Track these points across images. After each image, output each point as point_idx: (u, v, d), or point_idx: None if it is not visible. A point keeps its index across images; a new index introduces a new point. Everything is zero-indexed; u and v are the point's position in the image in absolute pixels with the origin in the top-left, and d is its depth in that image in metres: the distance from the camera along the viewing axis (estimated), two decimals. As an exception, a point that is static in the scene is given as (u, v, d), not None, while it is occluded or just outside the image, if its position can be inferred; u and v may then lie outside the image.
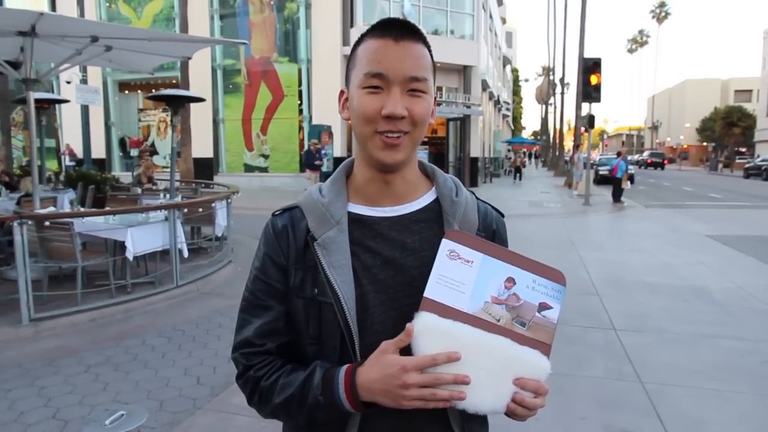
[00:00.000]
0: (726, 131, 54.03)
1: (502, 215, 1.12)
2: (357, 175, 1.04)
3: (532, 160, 59.32)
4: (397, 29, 0.93)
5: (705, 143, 62.49)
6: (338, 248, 0.97)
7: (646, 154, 55.27)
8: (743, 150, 56.17)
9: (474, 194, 1.09)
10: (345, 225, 0.99)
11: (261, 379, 0.99)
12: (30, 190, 7.17)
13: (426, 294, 0.90)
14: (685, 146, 65.87)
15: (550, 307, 0.93)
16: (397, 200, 1.01)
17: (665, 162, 51.58)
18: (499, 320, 0.90)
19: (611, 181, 17.71)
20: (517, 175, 28.63)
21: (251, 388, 1.01)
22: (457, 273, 0.91)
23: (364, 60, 0.94)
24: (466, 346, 0.87)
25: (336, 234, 0.97)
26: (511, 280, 0.92)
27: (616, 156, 18.79)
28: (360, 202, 1.02)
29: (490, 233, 1.05)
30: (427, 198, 1.04)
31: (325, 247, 0.97)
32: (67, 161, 19.04)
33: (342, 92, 1.03)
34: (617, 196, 16.80)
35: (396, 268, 0.98)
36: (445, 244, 0.92)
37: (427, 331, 0.87)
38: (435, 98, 1.02)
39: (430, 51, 0.98)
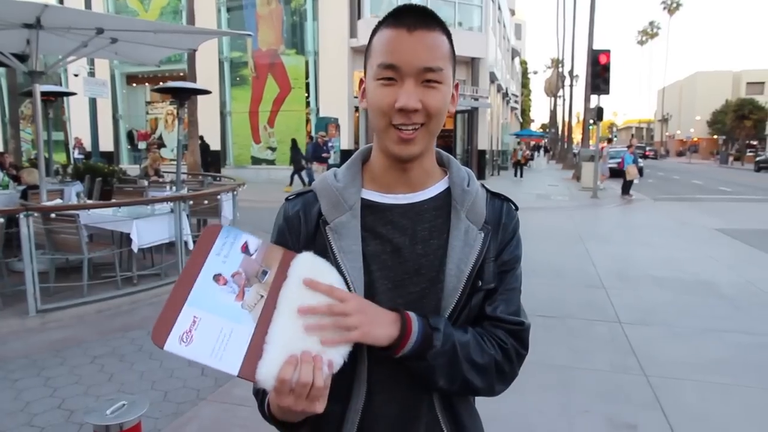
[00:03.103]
0: (737, 124, 53.42)
1: (516, 207, 1.10)
2: (374, 163, 1.03)
3: (541, 152, 58.94)
4: (411, 18, 0.91)
5: (716, 136, 61.82)
6: (349, 233, 0.97)
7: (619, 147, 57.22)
8: (755, 143, 55.56)
9: (485, 187, 1.08)
10: (358, 211, 0.99)
11: None
12: (30, 182, 7.22)
13: (238, 374, 0.82)
14: (695, 139, 65.27)
15: (247, 241, 0.90)
16: (411, 188, 1.01)
17: (646, 153, 57.32)
18: (262, 295, 0.86)
19: (620, 174, 17.59)
20: (519, 171, 25.75)
21: None
22: (206, 340, 0.82)
23: (378, 50, 0.93)
24: (287, 337, 0.83)
25: (348, 219, 0.98)
26: (218, 277, 0.86)
27: (627, 149, 18.57)
28: (374, 188, 1.02)
29: (497, 225, 1.04)
30: (439, 186, 1.03)
31: (337, 231, 0.97)
32: (76, 154, 19.17)
33: (361, 81, 1.02)
34: (626, 189, 16.69)
35: (404, 256, 0.97)
36: (169, 349, 0.80)
37: None
38: (457, 85, 1.01)
39: (449, 38, 0.96)
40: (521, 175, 25.50)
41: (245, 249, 0.89)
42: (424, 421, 1.00)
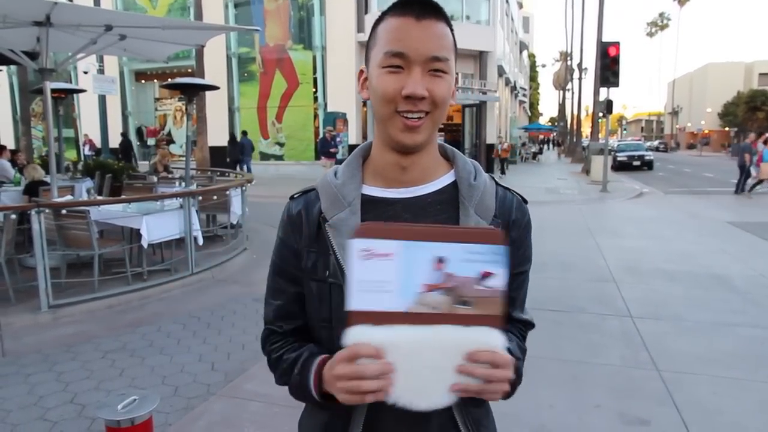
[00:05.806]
0: (749, 116, 52.70)
1: (525, 201, 1.08)
2: (375, 158, 1.02)
3: (551, 146, 58.51)
4: (419, 7, 0.91)
5: (727, 128, 61.09)
6: (349, 230, 0.95)
7: (629, 140, 57.00)
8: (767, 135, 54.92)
9: (494, 179, 1.06)
10: (357, 207, 0.97)
11: (270, 353, 1.07)
12: (34, 177, 7.28)
13: (350, 307, 0.81)
14: (706, 131, 64.60)
15: (493, 274, 0.83)
16: (414, 182, 0.99)
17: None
18: (436, 308, 0.82)
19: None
20: (501, 167, 21.93)
21: (267, 359, 1.10)
22: (377, 272, 0.81)
23: (385, 38, 0.92)
24: (407, 345, 0.81)
25: (347, 216, 0.96)
26: (440, 261, 0.82)
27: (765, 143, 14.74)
28: (375, 184, 1.01)
29: (507, 221, 1.02)
30: (444, 180, 1.01)
31: (336, 228, 0.96)
32: (86, 151, 19.32)
33: (361, 71, 1.01)
34: (752, 186, 14.99)
35: None
36: (356, 245, 0.81)
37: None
38: (456, 79, 1.00)
39: (452, 30, 0.96)
40: (502, 172, 21.65)
41: (486, 275, 0.84)
42: (437, 414, 0.99)
